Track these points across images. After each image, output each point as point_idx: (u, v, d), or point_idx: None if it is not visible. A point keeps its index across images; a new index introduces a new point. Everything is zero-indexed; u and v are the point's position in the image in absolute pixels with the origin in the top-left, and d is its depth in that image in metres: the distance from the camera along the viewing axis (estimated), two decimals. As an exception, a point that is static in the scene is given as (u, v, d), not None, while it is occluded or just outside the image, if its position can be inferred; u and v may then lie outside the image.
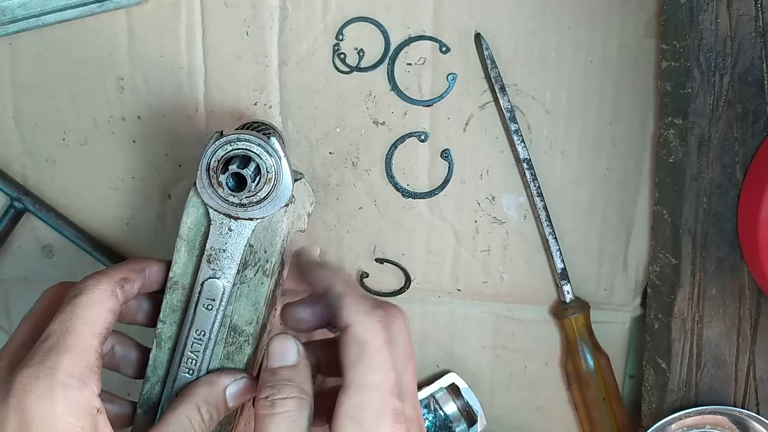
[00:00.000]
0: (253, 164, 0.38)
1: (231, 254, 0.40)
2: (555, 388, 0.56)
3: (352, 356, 0.37)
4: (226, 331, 0.41)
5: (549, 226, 0.51)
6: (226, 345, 0.41)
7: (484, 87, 0.50)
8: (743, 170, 0.46)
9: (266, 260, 0.40)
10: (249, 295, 0.41)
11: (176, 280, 0.41)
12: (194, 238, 0.41)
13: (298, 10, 0.49)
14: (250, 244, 0.40)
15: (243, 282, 0.41)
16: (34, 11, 0.48)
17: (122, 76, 0.50)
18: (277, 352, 0.40)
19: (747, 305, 0.48)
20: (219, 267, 0.40)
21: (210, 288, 0.40)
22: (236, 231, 0.40)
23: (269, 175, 0.38)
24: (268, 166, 0.38)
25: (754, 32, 0.44)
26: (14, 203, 0.52)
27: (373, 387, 0.36)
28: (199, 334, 0.41)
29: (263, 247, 0.40)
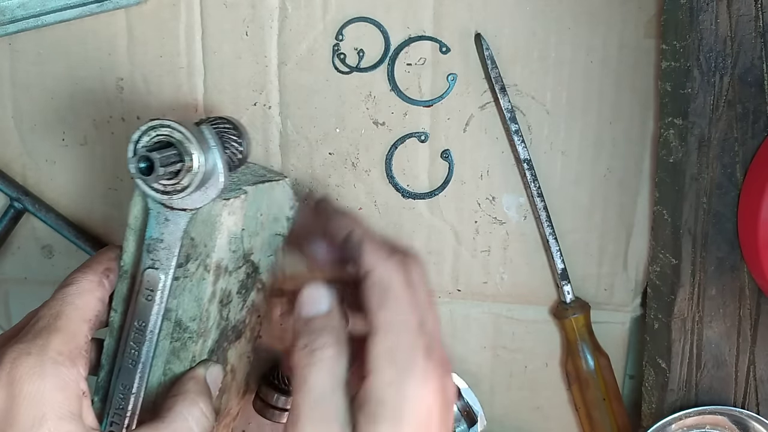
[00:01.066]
0: (172, 150, 0.37)
1: (168, 245, 0.39)
2: (555, 388, 0.56)
3: (377, 299, 0.37)
4: (171, 325, 0.40)
5: (549, 227, 0.51)
6: (173, 340, 0.40)
7: (484, 87, 0.50)
8: (743, 170, 0.46)
9: (206, 255, 0.39)
10: (192, 290, 0.40)
11: (126, 269, 0.40)
12: (140, 227, 0.40)
13: (297, 10, 0.49)
14: (191, 236, 0.39)
15: (186, 276, 0.39)
16: (34, 11, 0.48)
17: (121, 77, 0.50)
18: (309, 300, 0.39)
19: (747, 305, 0.48)
20: (157, 258, 0.39)
21: (149, 278, 0.39)
22: (173, 221, 0.39)
23: (190, 164, 0.36)
24: (190, 154, 0.36)
25: (754, 32, 0.44)
26: (14, 203, 0.51)
27: (401, 327, 0.36)
28: (140, 325, 0.40)
29: (203, 240, 0.39)
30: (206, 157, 0.37)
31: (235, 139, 0.40)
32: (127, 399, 0.40)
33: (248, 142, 0.40)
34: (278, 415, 0.52)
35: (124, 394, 0.41)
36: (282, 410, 0.52)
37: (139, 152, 0.36)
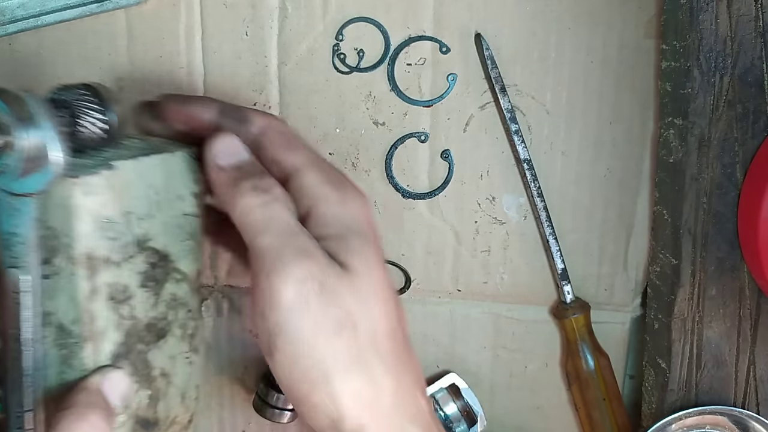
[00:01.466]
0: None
1: (24, 239, 0.34)
2: (555, 388, 0.56)
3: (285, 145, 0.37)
4: (54, 330, 0.35)
5: (549, 227, 0.51)
6: (60, 348, 0.35)
7: (484, 87, 0.50)
8: (743, 170, 0.46)
9: (68, 245, 0.34)
10: (65, 289, 0.35)
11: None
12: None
13: (297, 11, 0.49)
14: (48, 225, 0.34)
15: (57, 273, 0.34)
16: (34, 11, 0.48)
17: (121, 77, 0.50)
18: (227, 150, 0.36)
19: (747, 305, 0.48)
20: (16, 254, 0.34)
21: (12, 278, 0.34)
22: (21, 210, 0.34)
23: (9, 139, 0.32)
24: (7, 128, 0.32)
25: (754, 32, 0.44)
26: (13, 204, 0.51)
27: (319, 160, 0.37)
28: (15, 333, 0.35)
29: (63, 229, 0.34)
30: (29, 131, 0.32)
31: (95, 108, 0.36)
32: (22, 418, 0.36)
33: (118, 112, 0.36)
34: (278, 415, 0.52)
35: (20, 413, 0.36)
36: (282, 410, 0.52)
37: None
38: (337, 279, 0.33)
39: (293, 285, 0.32)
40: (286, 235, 0.33)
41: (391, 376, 0.34)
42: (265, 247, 0.33)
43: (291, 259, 0.33)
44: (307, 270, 0.33)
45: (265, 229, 0.33)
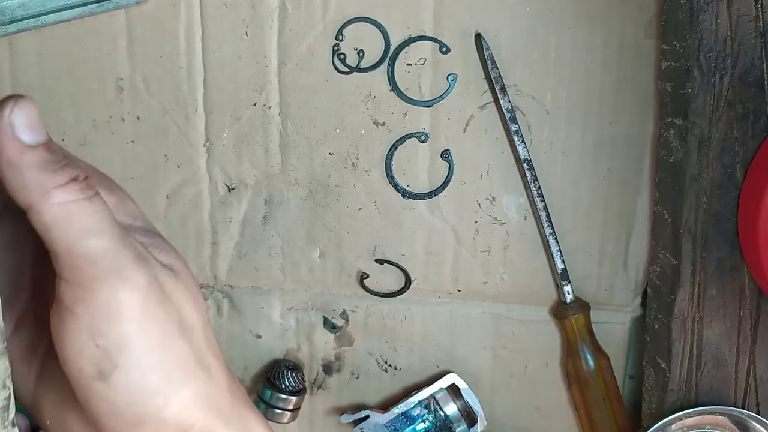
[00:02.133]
0: None
1: None
2: (555, 388, 0.55)
3: None
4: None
5: (549, 227, 0.51)
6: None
7: (484, 87, 0.50)
8: (743, 170, 0.46)
9: None
10: None
11: None
12: None
13: (297, 11, 0.49)
14: None
15: None
16: (34, 11, 0.48)
17: (121, 77, 0.50)
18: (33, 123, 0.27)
19: (747, 305, 0.48)
20: None
21: None
22: None
23: None
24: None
25: (754, 32, 0.44)
26: (13, 204, 0.51)
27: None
28: None
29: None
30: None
31: None
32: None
33: None
34: (278, 415, 0.52)
35: None
36: (282, 410, 0.52)
37: None
38: (170, 280, 0.30)
39: (138, 293, 0.28)
40: (120, 237, 0.28)
41: (221, 367, 0.32)
42: (101, 251, 0.27)
43: (130, 264, 0.28)
44: (148, 275, 0.29)
45: (97, 229, 0.27)
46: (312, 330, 0.55)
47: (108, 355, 0.28)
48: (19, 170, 0.26)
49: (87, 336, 0.28)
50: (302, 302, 0.55)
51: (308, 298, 0.55)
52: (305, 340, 0.55)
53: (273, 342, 0.55)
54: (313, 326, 0.55)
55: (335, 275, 0.54)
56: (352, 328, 0.55)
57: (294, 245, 0.53)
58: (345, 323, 0.55)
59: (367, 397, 0.56)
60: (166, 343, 0.29)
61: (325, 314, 0.55)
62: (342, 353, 0.55)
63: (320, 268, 0.54)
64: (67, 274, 0.27)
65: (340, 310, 0.55)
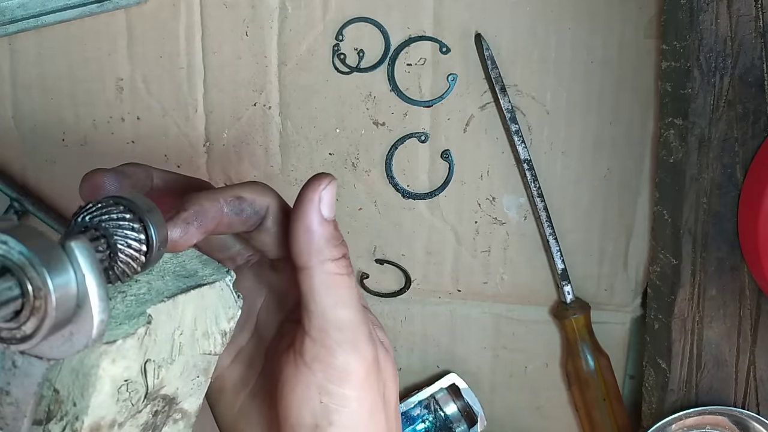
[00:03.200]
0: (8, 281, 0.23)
1: (17, 400, 0.27)
2: (555, 388, 0.55)
3: None
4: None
5: (549, 227, 0.51)
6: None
7: (484, 87, 0.50)
8: (743, 170, 0.46)
9: (76, 417, 0.28)
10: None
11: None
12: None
13: (297, 11, 0.49)
14: (56, 388, 0.28)
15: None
16: (34, 11, 0.48)
17: (121, 77, 0.50)
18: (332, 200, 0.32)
19: (747, 305, 0.48)
20: (1, 414, 0.27)
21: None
22: (22, 369, 0.26)
23: (37, 303, 0.23)
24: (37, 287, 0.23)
25: (754, 32, 0.44)
26: (14, 203, 0.51)
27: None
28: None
29: (72, 397, 0.28)
30: (65, 289, 0.24)
31: (134, 236, 0.27)
32: None
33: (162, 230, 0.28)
34: None
35: None
36: None
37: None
38: (384, 358, 0.34)
39: (364, 365, 0.32)
40: (362, 313, 0.32)
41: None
42: (347, 322, 0.32)
43: (364, 338, 0.32)
44: (374, 351, 0.33)
45: (350, 302, 0.32)
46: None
47: (328, 413, 0.32)
48: (311, 237, 0.31)
49: (315, 391, 0.32)
50: (302, 302, 0.55)
51: (308, 298, 0.54)
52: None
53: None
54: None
55: (335, 275, 0.54)
56: (352, 328, 0.55)
57: (294, 245, 0.53)
58: (345, 323, 0.55)
59: (367, 397, 0.56)
60: (373, 413, 0.33)
61: (325, 314, 0.55)
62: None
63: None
64: (315, 333, 0.31)
65: (340, 310, 0.55)
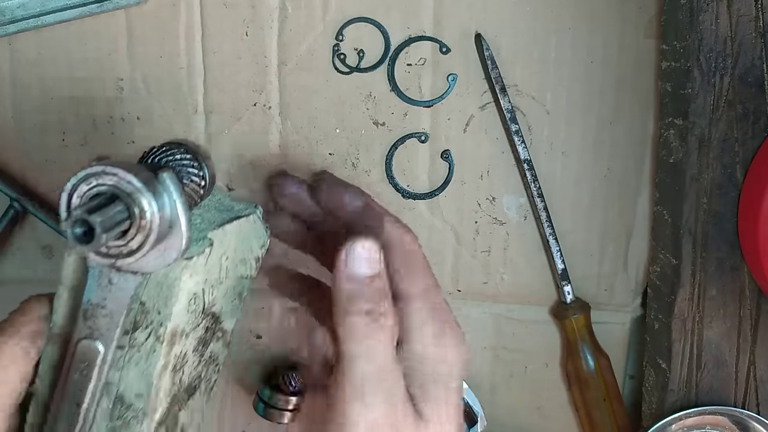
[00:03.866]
0: (118, 206, 0.29)
1: (111, 312, 0.32)
2: (555, 388, 0.55)
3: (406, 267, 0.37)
4: (110, 401, 0.33)
5: (549, 227, 0.51)
6: (112, 419, 0.33)
7: (484, 87, 0.50)
8: (743, 170, 0.46)
9: (160, 323, 0.33)
10: (139, 363, 0.33)
11: (56, 332, 0.34)
12: (76, 285, 0.34)
13: (297, 11, 0.49)
14: (142, 301, 0.33)
15: (133, 346, 0.33)
16: (34, 12, 0.48)
17: (121, 77, 0.50)
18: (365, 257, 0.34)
19: (747, 305, 0.48)
20: (96, 326, 0.32)
21: (84, 350, 0.32)
22: (118, 285, 0.32)
23: (143, 222, 0.29)
24: (143, 210, 0.29)
25: (754, 32, 0.44)
26: (14, 203, 0.51)
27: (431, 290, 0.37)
28: (72, 404, 0.33)
29: (156, 307, 0.33)
30: (163, 211, 0.30)
31: (195, 172, 0.33)
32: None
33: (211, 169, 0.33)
34: (278, 415, 0.52)
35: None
36: (282, 410, 0.52)
37: (74, 214, 0.28)
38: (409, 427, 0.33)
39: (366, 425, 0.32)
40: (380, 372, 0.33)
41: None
42: (357, 375, 0.32)
43: (375, 400, 0.32)
44: (386, 416, 0.32)
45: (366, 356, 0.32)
46: (312, 330, 0.55)
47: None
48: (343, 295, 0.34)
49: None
50: (302, 302, 0.55)
51: (308, 298, 0.54)
52: (305, 340, 0.55)
53: (273, 342, 0.55)
54: (313, 326, 0.55)
55: (335, 275, 0.54)
56: (352, 328, 0.55)
57: (294, 245, 0.53)
58: (345, 323, 0.55)
59: (367, 397, 0.56)
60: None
61: (325, 314, 0.55)
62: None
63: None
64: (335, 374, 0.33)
65: (340, 310, 0.55)
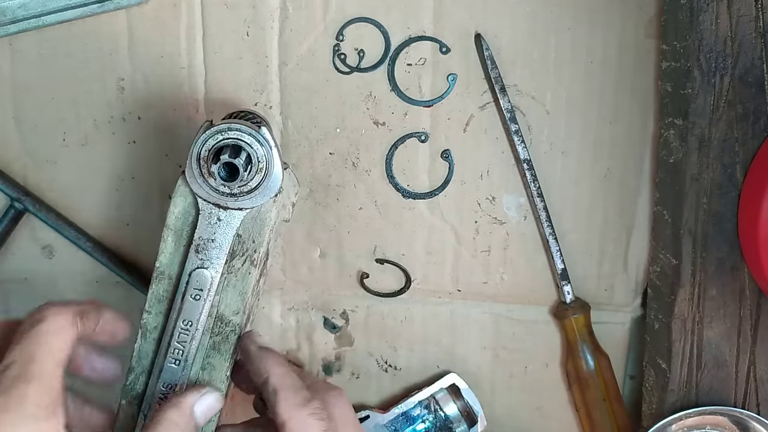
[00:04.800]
0: (244, 154, 0.38)
1: (219, 244, 0.40)
2: (555, 388, 0.55)
3: None
4: (212, 321, 0.41)
5: (549, 227, 0.51)
6: (213, 335, 0.42)
7: (484, 87, 0.50)
8: (743, 171, 0.46)
9: (254, 250, 0.41)
10: (236, 285, 0.41)
11: (162, 270, 0.41)
12: (181, 227, 0.41)
13: (298, 11, 0.49)
14: (239, 234, 0.40)
15: (230, 272, 0.41)
16: (35, 12, 0.48)
17: (123, 77, 0.50)
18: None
19: (747, 305, 0.48)
20: (207, 257, 0.40)
21: (198, 278, 0.40)
22: (225, 221, 0.40)
23: (260, 165, 0.39)
24: (259, 155, 0.39)
25: (754, 32, 0.44)
26: (14, 203, 0.52)
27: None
28: (186, 325, 0.41)
29: (251, 237, 0.41)
30: (272, 158, 0.39)
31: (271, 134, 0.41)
32: (168, 397, 0.41)
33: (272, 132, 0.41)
34: None
35: (165, 392, 0.42)
36: None
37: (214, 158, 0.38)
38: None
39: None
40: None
41: None
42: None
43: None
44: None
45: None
46: (312, 330, 0.55)
47: None
48: None
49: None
50: (302, 302, 0.55)
51: (308, 298, 0.55)
52: (305, 340, 0.55)
53: (273, 342, 0.55)
54: (313, 326, 0.55)
55: (335, 275, 0.54)
56: (353, 328, 0.55)
57: (294, 245, 0.53)
58: (345, 323, 0.55)
59: (367, 397, 0.56)
60: None
61: (325, 314, 0.55)
62: (342, 353, 0.56)
63: (320, 267, 0.54)
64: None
65: (341, 310, 0.55)
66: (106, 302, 0.40)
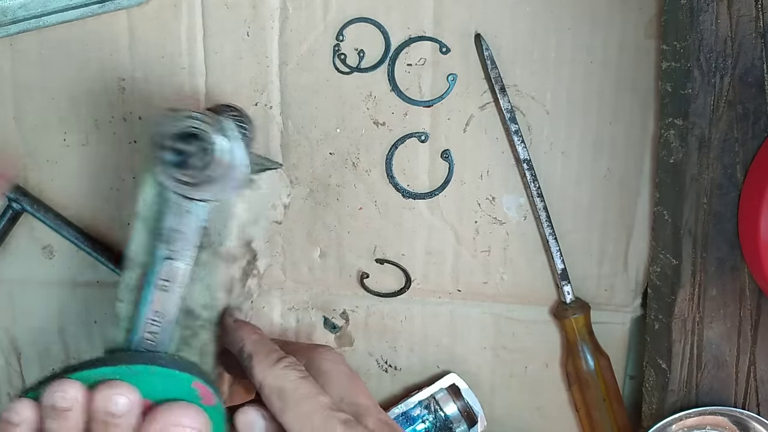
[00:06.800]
0: (199, 143, 0.38)
1: (187, 236, 0.40)
2: (555, 388, 0.55)
3: (277, 406, 0.38)
4: (182, 315, 0.41)
5: (549, 227, 0.51)
6: (183, 329, 0.41)
7: (484, 87, 0.50)
8: (743, 171, 0.46)
9: (219, 243, 0.41)
10: (203, 279, 0.41)
11: (132, 258, 0.41)
12: (152, 216, 0.40)
13: (298, 11, 0.49)
14: (205, 227, 0.40)
15: (198, 265, 0.40)
16: (35, 12, 0.48)
17: (123, 77, 0.50)
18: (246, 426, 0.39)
19: (747, 306, 0.48)
20: (176, 248, 0.40)
21: (166, 269, 0.40)
22: (193, 213, 0.40)
23: (217, 156, 0.38)
24: (216, 146, 0.38)
25: (754, 33, 0.44)
26: (12, 204, 0.52)
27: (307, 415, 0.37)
28: (155, 316, 0.40)
29: (216, 230, 0.40)
30: (231, 148, 0.38)
31: (245, 126, 0.41)
32: None
33: (253, 129, 0.41)
34: None
35: None
36: None
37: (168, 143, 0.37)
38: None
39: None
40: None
41: None
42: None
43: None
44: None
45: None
46: (312, 330, 0.55)
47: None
48: None
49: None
50: (302, 302, 0.55)
51: (308, 297, 0.55)
52: (305, 340, 0.55)
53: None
54: (313, 326, 0.55)
55: (335, 275, 0.54)
56: (353, 328, 0.55)
57: (294, 245, 0.53)
58: (345, 323, 0.55)
59: (368, 397, 0.56)
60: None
61: (325, 314, 0.55)
62: (342, 353, 0.56)
63: (320, 267, 0.54)
64: None
65: (341, 310, 0.55)
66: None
